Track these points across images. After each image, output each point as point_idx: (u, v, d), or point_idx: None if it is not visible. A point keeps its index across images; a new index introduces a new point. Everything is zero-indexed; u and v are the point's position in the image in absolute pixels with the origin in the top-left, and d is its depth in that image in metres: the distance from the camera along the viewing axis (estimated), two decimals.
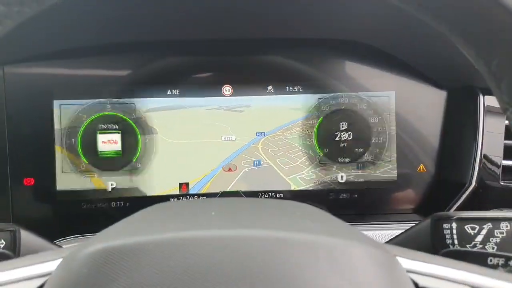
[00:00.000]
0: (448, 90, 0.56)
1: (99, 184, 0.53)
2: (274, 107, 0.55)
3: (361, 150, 0.56)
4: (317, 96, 0.55)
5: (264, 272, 0.21)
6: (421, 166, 0.55)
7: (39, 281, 0.26)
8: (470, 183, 0.49)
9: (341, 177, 0.55)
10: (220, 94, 0.54)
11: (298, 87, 0.55)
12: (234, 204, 0.34)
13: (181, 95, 0.54)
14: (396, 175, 0.55)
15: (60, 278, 0.24)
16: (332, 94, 0.55)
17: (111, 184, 0.53)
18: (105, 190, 0.53)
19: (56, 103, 0.52)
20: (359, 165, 0.56)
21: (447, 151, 0.54)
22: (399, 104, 0.55)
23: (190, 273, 0.22)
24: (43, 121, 0.51)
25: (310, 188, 0.54)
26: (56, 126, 0.52)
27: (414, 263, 0.26)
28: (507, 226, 0.35)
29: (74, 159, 0.53)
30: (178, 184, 0.54)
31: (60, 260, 0.26)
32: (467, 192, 0.49)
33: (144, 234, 0.24)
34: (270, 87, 0.55)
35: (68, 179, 0.52)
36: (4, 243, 0.39)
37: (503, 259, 0.27)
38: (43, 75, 0.52)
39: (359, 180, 0.55)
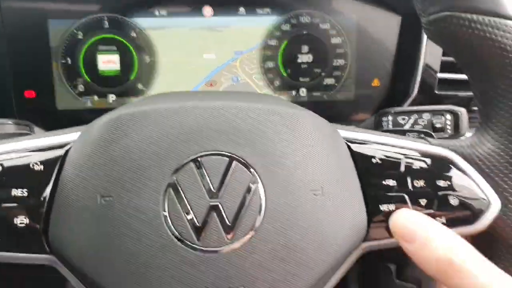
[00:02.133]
0: (402, 15, 0.64)
1: (100, 104, 0.60)
2: (250, 28, 0.62)
3: (319, 70, 0.63)
4: (284, 17, 0.61)
5: (240, 133, 0.30)
6: (375, 81, 0.65)
7: (62, 151, 0.31)
8: (412, 92, 0.60)
9: (303, 91, 0.64)
10: (201, 14, 0.61)
11: (268, 9, 0.61)
12: (219, 92, 0.42)
13: (168, 16, 0.60)
14: (354, 93, 0.64)
15: (81, 143, 0.31)
16: (293, 13, 0.61)
17: (112, 97, 0.61)
18: (106, 109, 0.60)
19: (51, 22, 0.57)
20: (321, 87, 0.64)
21: (397, 67, 0.64)
22: (359, 27, 0.63)
23: (184, 131, 0.30)
24: (40, 39, 0.57)
25: None
26: (52, 44, 0.58)
27: (349, 133, 0.34)
28: (427, 116, 0.45)
29: (73, 78, 0.59)
30: None
31: (79, 132, 0.32)
32: (409, 99, 0.60)
33: (147, 105, 0.32)
34: (241, 9, 0.62)
35: (67, 99, 0.59)
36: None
37: (416, 133, 0.37)
38: None
39: (320, 99, 0.64)
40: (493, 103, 0.33)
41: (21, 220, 0.30)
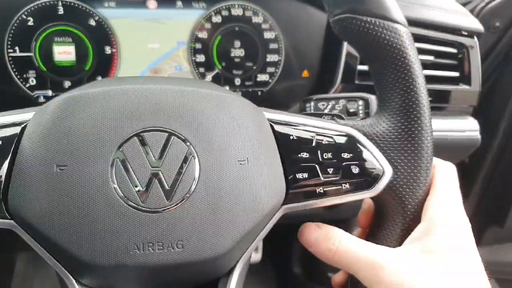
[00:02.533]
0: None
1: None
2: (190, 20, 0.67)
3: (251, 64, 0.69)
4: (215, 9, 0.66)
5: (178, 111, 0.35)
6: (305, 72, 0.72)
7: (19, 128, 0.35)
8: (336, 82, 0.68)
9: (237, 81, 0.69)
10: (146, 7, 0.65)
11: (203, 3, 0.66)
12: (159, 78, 0.46)
13: (117, 7, 0.63)
14: (286, 84, 0.71)
15: (36, 121, 0.35)
16: (225, 5, 0.66)
17: (67, 84, 0.63)
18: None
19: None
20: (255, 82, 0.70)
21: (324, 60, 0.72)
22: (291, 22, 0.70)
23: (129, 110, 0.34)
24: None
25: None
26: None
27: (272, 115, 0.40)
28: (342, 102, 0.54)
29: (25, 70, 0.61)
30: None
31: (34, 112, 0.36)
32: (334, 88, 0.68)
33: (96, 87, 0.36)
34: (179, 3, 0.66)
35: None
36: None
37: (331, 117, 0.45)
38: None
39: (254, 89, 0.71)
40: (386, 90, 0.40)
41: None
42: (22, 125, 0.35)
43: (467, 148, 0.79)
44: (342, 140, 0.40)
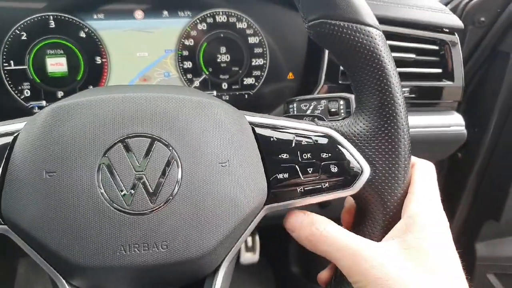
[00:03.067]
0: None
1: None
2: (176, 29, 0.69)
3: (237, 69, 0.71)
4: (200, 17, 0.69)
5: (160, 118, 0.37)
6: (290, 74, 0.74)
7: (11, 137, 0.37)
8: (320, 83, 0.70)
9: (224, 85, 0.72)
10: (133, 17, 0.67)
11: (188, 12, 0.69)
12: (144, 86, 0.48)
13: (106, 18, 0.65)
14: (272, 86, 0.73)
15: (27, 130, 0.37)
16: (210, 12, 0.69)
17: (60, 94, 0.66)
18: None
19: None
20: (242, 86, 0.72)
21: (307, 62, 0.74)
22: (274, 26, 0.72)
23: (113, 117, 0.36)
24: None
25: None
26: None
27: (254, 118, 0.41)
28: (324, 103, 0.55)
29: (19, 82, 0.64)
30: None
31: (25, 122, 0.38)
32: (318, 89, 0.70)
33: (82, 97, 0.39)
34: (165, 12, 0.69)
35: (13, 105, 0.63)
36: None
37: (311, 118, 0.46)
38: None
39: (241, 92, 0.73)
40: (362, 91, 0.42)
41: None
42: (14, 135, 0.37)
43: (454, 143, 0.81)
44: (321, 140, 0.41)
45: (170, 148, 0.36)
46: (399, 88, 0.42)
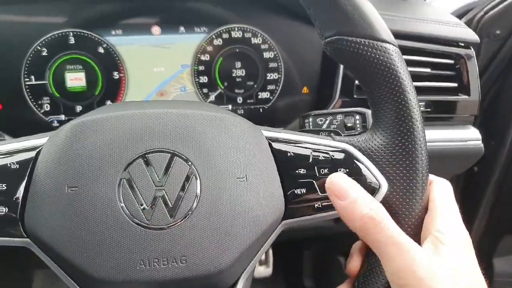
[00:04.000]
0: None
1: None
2: (193, 44, 0.70)
3: (252, 83, 0.72)
4: (216, 32, 0.70)
5: (179, 133, 0.37)
6: (305, 88, 0.75)
7: (34, 152, 0.38)
8: (335, 97, 0.70)
9: (239, 99, 0.72)
10: (150, 33, 0.68)
11: (204, 27, 0.70)
12: (162, 101, 0.49)
13: (124, 34, 0.67)
14: (286, 100, 0.74)
15: (50, 146, 0.38)
16: (225, 28, 0.70)
17: (79, 108, 0.67)
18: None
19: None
20: (257, 100, 0.72)
21: (322, 76, 0.74)
22: (289, 41, 0.73)
23: (134, 133, 0.37)
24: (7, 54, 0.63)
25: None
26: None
27: (270, 133, 0.42)
28: (340, 117, 0.55)
29: (39, 97, 0.65)
30: None
31: (48, 137, 0.39)
32: (333, 103, 0.70)
33: (103, 113, 0.39)
34: (181, 28, 0.70)
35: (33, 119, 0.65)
36: None
37: (327, 133, 0.46)
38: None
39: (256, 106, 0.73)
40: (379, 106, 0.42)
41: (0, 210, 0.36)
42: (37, 150, 0.38)
43: (471, 158, 0.80)
44: (338, 155, 0.41)
45: (189, 163, 0.37)
46: (416, 104, 0.42)
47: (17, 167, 0.37)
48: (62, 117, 0.67)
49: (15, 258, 0.86)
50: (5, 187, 0.36)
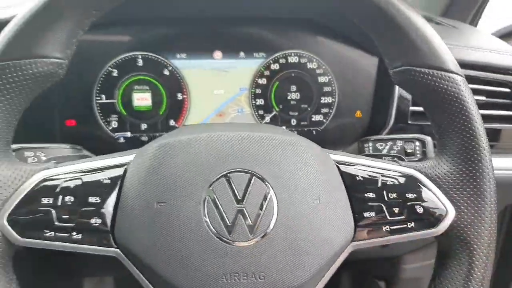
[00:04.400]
0: (379, 56, 0.76)
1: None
2: (251, 68, 0.73)
3: (306, 106, 0.74)
4: (274, 57, 0.73)
5: (258, 155, 0.40)
6: (358, 112, 0.76)
7: (123, 169, 0.41)
8: (389, 122, 0.71)
9: (293, 121, 0.75)
10: (212, 58, 0.72)
11: (263, 53, 0.73)
12: (241, 124, 0.52)
13: (188, 58, 0.71)
14: (339, 123, 0.76)
15: (137, 163, 0.41)
16: (282, 54, 0.73)
17: (144, 126, 0.71)
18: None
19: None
20: (310, 122, 0.75)
21: (376, 101, 0.76)
22: (343, 66, 0.75)
23: (217, 154, 0.40)
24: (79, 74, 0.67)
25: None
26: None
27: (338, 157, 0.44)
28: (400, 143, 0.57)
29: (108, 114, 0.70)
30: (182, 125, 0.73)
31: (134, 154, 0.43)
32: (387, 129, 0.71)
33: (188, 134, 0.42)
34: (241, 53, 0.73)
35: (102, 135, 0.70)
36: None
37: (391, 157, 0.48)
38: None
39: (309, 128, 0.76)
40: (446, 134, 0.43)
41: (95, 221, 0.39)
42: (125, 166, 0.42)
43: None
44: (406, 181, 0.43)
45: (267, 183, 0.39)
46: (484, 132, 0.43)
47: (109, 182, 0.41)
48: (128, 134, 0.71)
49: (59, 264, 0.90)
50: (99, 200, 0.40)
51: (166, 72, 0.71)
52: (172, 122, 0.73)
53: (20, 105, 0.39)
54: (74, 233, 0.39)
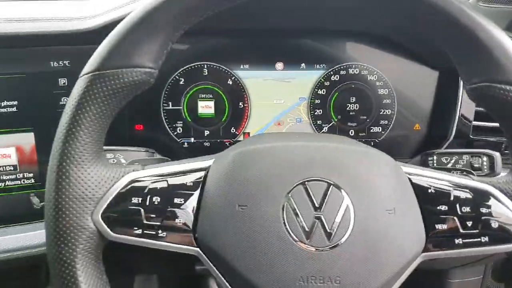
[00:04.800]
0: (439, 70, 0.76)
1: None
2: (311, 79, 0.75)
3: (365, 117, 0.75)
4: (334, 69, 0.74)
5: (335, 165, 0.42)
6: (417, 125, 0.76)
7: (203, 172, 0.44)
8: (450, 136, 0.71)
9: (351, 132, 0.76)
10: (274, 68, 0.75)
11: (323, 64, 0.75)
12: (316, 135, 0.54)
13: (250, 68, 0.74)
14: (397, 136, 0.76)
15: (217, 167, 0.43)
16: (343, 66, 0.74)
17: (206, 132, 0.75)
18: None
19: None
20: (368, 134, 0.75)
21: (435, 114, 0.75)
22: (403, 79, 0.75)
23: (296, 163, 0.42)
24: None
25: None
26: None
27: (409, 169, 0.44)
28: (466, 157, 0.56)
29: (174, 120, 0.74)
30: (242, 133, 0.76)
31: (213, 160, 0.46)
32: (447, 142, 0.71)
33: (266, 143, 0.45)
34: (303, 65, 0.75)
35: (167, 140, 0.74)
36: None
37: (459, 171, 0.48)
38: None
39: (367, 139, 0.76)
40: None
41: (179, 221, 0.42)
42: (206, 170, 0.44)
43: None
44: (480, 195, 0.43)
45: (344, 192, 0.41)
46: None
47: (191, 185, 0.43)
48: (192, 139, 0.75)
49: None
50: (183, 201, 0.42)
51: (230, 82, 0.74)
52: (233, 129, 0.75)
53: (114, 111, 0.43)
54: (160, 231, 0.42)
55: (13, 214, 0.68)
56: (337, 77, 0.75)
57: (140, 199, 0.42)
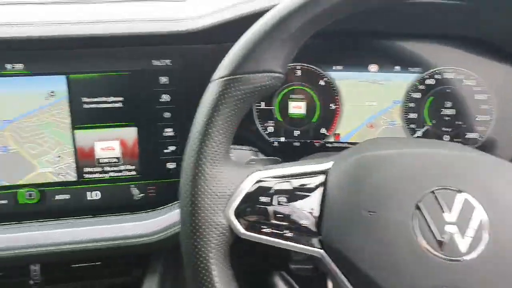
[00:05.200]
0: None
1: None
2: (406, 82, 0.74)
3: (461, 123, 0.73)
4: (429, 72, 0.73)
5: (462, 174, 0.41)
6: None
7: (323, 177, 0.45)
8: None
9: (446, 137, 0.74)
10: (367, 70, 0.74)
11: (418, 68, 0.73)
12: (439, 142, 0.53)
13: (343, 70, 0.74)
14: (495, 143, 0.73)
15: (337, 172, 0.44)
16: (439, 69, 0.72)
17: (297, 132, 0.76)
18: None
19: None
20: (464, 139, 0.73)
21: None
22: (504, 85, 0.72)
23: (424, 171, 0.41)
24: None
25: None
26: None
27: None
28: None
29: (265, 120, 0.75)
30: (333, 134, 0.76)
31: (332, 162, 0.47)
32: None
33: (388, 149, 0.45)
34: (397, 67, 0.74)
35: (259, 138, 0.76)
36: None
37: None
38: None
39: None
40: None
41: (304, 222, 0.43)
42: (326, 173, 0.45)
43: None
44: None
45: (477, 203, 0.40)
46: None
47: (313, 187, 0.44)
48: (282, 139, 0.76)
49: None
50: (307, 203, 0.43)
51: (322, 83, 0.75)
52: (323, 130, 0.76)
53: (243, 112, 0.45)
54: (287, 231, 0.43)
55: (115, 204, 0.72)
56: (432, 81, 0.73)
57: (268, 198, 0.44)
